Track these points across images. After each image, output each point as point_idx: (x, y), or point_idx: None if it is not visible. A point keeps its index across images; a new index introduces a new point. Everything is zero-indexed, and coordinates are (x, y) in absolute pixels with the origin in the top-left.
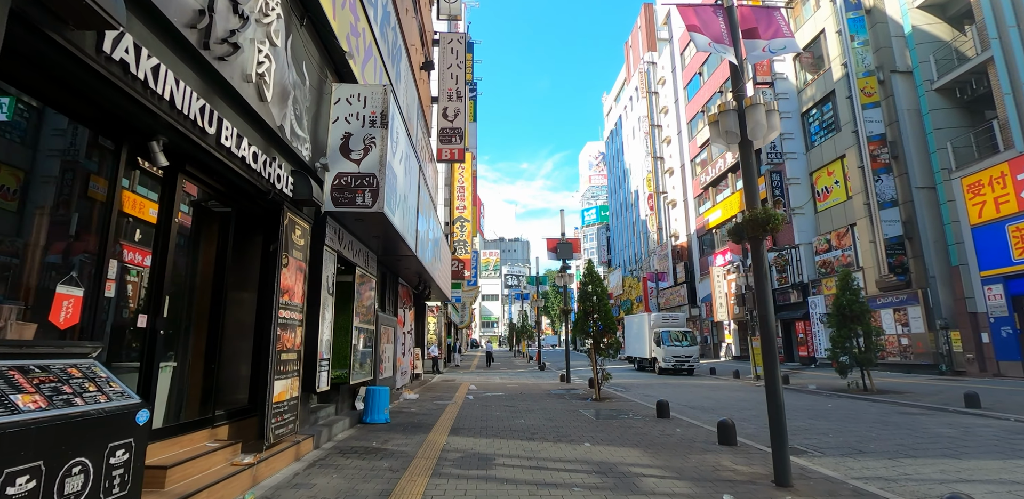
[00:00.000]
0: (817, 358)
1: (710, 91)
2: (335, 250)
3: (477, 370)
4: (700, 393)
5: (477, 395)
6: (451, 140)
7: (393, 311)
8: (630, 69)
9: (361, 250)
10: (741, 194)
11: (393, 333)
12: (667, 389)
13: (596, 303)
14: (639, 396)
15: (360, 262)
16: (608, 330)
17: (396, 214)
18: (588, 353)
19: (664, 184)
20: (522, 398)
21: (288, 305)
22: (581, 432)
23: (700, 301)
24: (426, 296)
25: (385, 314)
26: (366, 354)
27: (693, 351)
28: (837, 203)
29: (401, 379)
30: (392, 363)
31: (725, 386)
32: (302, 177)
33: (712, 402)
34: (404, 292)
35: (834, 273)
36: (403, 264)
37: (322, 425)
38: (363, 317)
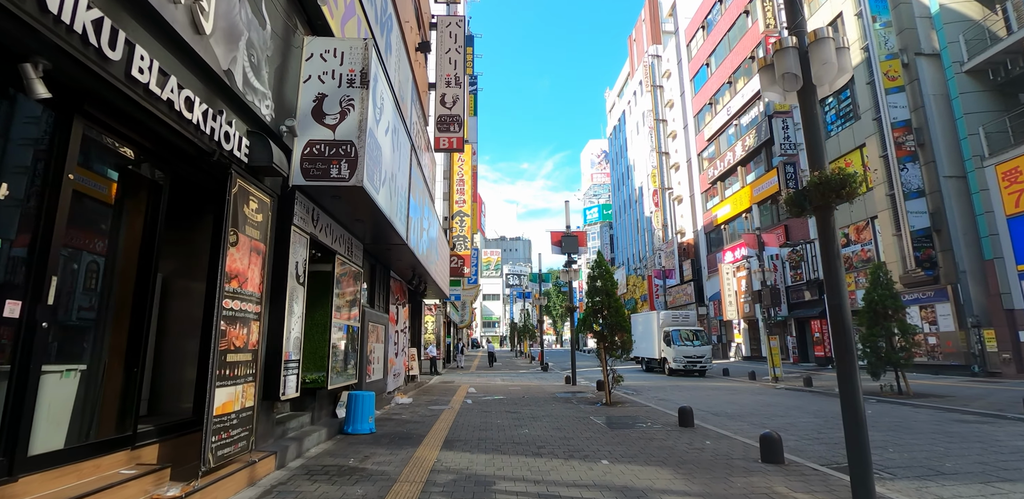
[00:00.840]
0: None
1: (718, 82)
2: (307, 233)
3: (478, 371)
4: (719, 397)
5: (476, 399)
6: (449, 128)
7: (384, 307)
8: (634, 63)
9: (342, 236)
10: (751, 188)
11: (384, 332)
12: (681, 392)
13: (606, 299)
14: (652, 400)
15: (342, 249)
16: (619, 328)
17: (381, 193)
18: (597, 354)
19: (669, 180)
20: (525, 403)
21: (239, 294)
22: (596, 445)
23: (708, 299)
24: (422, 292)
25: (374, 310)
26: (350, 354)
27: (705, 351)
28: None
29: (393, 382)
30: (382, 364)
31: (743, 388)
32: (260, 140)
33: (736, 407)
34: (397, 287)
35: (853, 269)
36: (394, 255)
37: (291, 438)
38: (346, 313)
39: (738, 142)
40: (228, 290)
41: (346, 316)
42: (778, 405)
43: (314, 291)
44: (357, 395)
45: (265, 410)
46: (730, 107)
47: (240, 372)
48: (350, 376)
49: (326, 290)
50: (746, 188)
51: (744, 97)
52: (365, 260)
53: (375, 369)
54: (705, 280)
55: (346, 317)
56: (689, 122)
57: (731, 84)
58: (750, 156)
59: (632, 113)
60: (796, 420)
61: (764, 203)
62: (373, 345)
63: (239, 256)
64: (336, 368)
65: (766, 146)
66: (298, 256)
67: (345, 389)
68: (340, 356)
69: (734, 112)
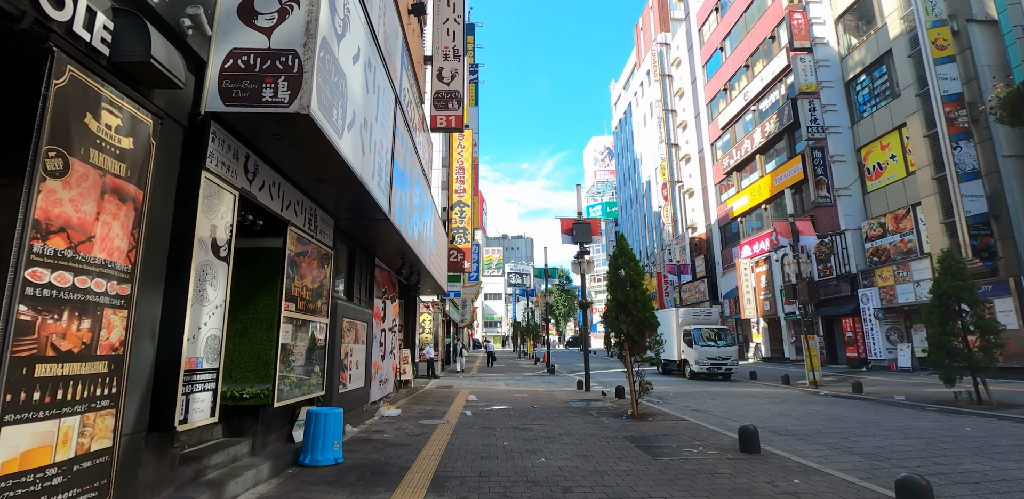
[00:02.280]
0: (870, 360)
1: (734, 66)
2: (234, 186)
3: (479, 374)
4: (763, 406)
5: (477, 410)
6: (447, 105)
7: (366, 301)
8: (641, 53)
9: (300, 203)
10: (771, 177)
11: (366, 330)
12: (714, 400)
13: (632, 292)
14: (685, 411)
15: (299, 220)
16: (647, 325)
17: (346, 140)
18: (619, 356)
19: (680, 173)
20: (536, 415)
21: (71, 261)
22: (642, 486)
23: (723, 297)
24: (416, 286)
25: (351, 304)
26: (314, 359)
27: (731, 352)
28: (894, 180)
29: (379, 390)
30: (364, 370)
31: (784, 396)
32: (133, 23)
33: (794, 422)
34: (384, 278)
35: (890, 261)
36: (378, 236)
37: (208, 482)
38: (306, 304)
39: (756, 129)
40: (42, 252)
41: (306, 309)
42: (844, 419)
43: (255, 274)
44: (318, 414)
45: (154, 447)
46: (747, 92)
47: (73, 394)
48: (312, 387)
49: (273, 273)
50: (766, 177)
51: (763, 80)
52: (338, 241)
53: (352, 376)
54: (719, 277)
55: (306, 310)
56: (701, 110)
57: (748, 67)
58: (770, 143)
59: (639, 105)
60: (887, 442)
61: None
62: (350, 346)
63: (73, 196)
64: (290, 378)
65: (788, 131)
66: (217, 218)
67: (307, 404)
68: (297, 361)
69: (752, 97)
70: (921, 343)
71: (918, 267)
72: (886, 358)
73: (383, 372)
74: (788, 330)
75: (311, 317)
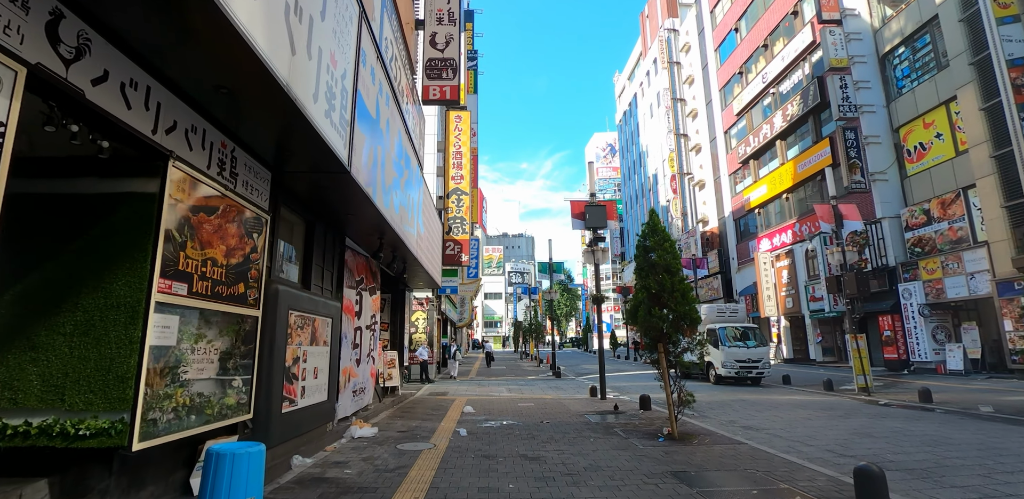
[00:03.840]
0: (913, 362)
1: (750, 48)
2: (21, 58)
3: (478, 378)
4: (826, 422)
5: (474, 427)
6: (442, 74)
7: (332, 290)
8: (647, 41)
9: (196, 129)
10: (794, 164)
11: (330, 327)
12: (760, 412)
13: (667, 279)
14: (732, 427)
15: (194, 157)
16: (688, 321)
17: (256, 12)
18: (655, 361)
19: (689, 164)
20: (547, 434)
21: None
22: None
23: (738, 294)
24: (403, 278)
25: (306, 292)
26: (231, 367)
27: (761, 354)
28: (940, 162)
29: (353, 403)
30: (327, 379)
31: (839, 406)
32: None
33: (888, 447)
34: (360, 264)
35: (936, 252)
36: (343, 204)
37: None
38: (214, 288)
39: (777, 112)
40: None
41: (216, 294)
42: (948, 442)
43: (112, 235)
44: (221, 455)
45: None
46: (766, 73)
47: None
48: (227, 410)
49: (137, 234)
50: (787, 165)
51: (784, 60)
52: (286, 207)
53: (308, 388)
54: (734, 272)
55: (216, 296)
56: (714, 97)
57: (767, 48)
58: (793, 127)
59: (645, 95)
60: None
61: (811, 180)
62: (304, 349)
63: None
64: (175, 400)
65: (814, 113)
66: None
67: (223, 434)
68: (193, 372)
69: (771, 79)
70: (973, 343)
71: (972, 257)
72: (933, 360)
73: (358, 380)
74: (814, 329)
75: (227, 306)
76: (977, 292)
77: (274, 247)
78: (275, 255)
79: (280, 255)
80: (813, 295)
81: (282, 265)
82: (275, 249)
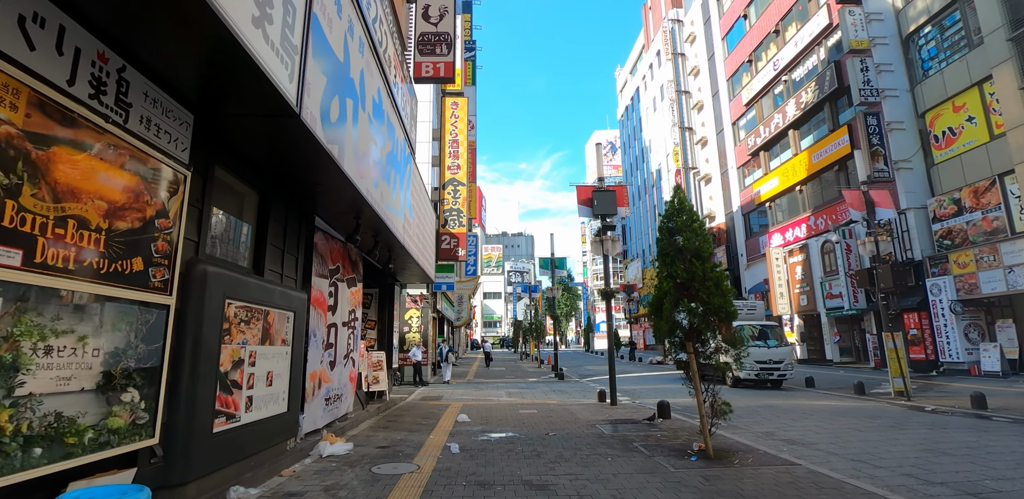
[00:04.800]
0: (943, 362)
1: (760, 34)
2: None
3: (475, 380)
4: (881, 434)
5: (469, 441)
6: (435, 50)
7: (297, 279)
8: (650, 33)
9: (40, 9)
10: (809, 154)
11: (291, 323)
12: (796, 420)
13: (697, 266)
14: (771, 440)
15: (40, 66)
16: (723, 315)
17: None
18: (683, 364)
19: (695, 158)
20: (555, 450)
21: None
22: None
23: (747, 292)
24: (387, 267)
25: (255, 278)
26: (121, 377)
27: (783, 354)
28: (972, 147)
29: (327, 413)
30: (290, 385)
31: (883, 413)
32: None
33: (974, 470)
34: (336, 251)
35: (968, 244)
36: (297, 165)
37: None
38: (86, 260)
39: (790, 100)
40: None
41: (80, 267)
42: None
43: None
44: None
45: None
46: (777, 61)
47: None
48: (111, 436)
49: None
50: (801, 155)
51: (798, 45)
52: (218, 164)
53: (257, 399)
54: (743, 269)
55: (82, 270)
56: (721, 87)
57: (778, 34)
58: (807, 115)
59: (648, 89)
60: None
61: (828, 171)
62: (251, 349)
63: None
64: (2, 427)
65: (831, 100)
66: None
67: (87, 473)
68: (40, 385)
69: (783, 66)
70: (1009, 342)
71: (1010, 249)
72: (965, 360)
73: (333, 386)
74: (830, 328)
75: (109, 288)
76: (1017, 286)
77: (205, 217)
78: (205, 227)
79: (216, 228)
80: (830, 292)
81: (218, 242)
82: (206, 219)
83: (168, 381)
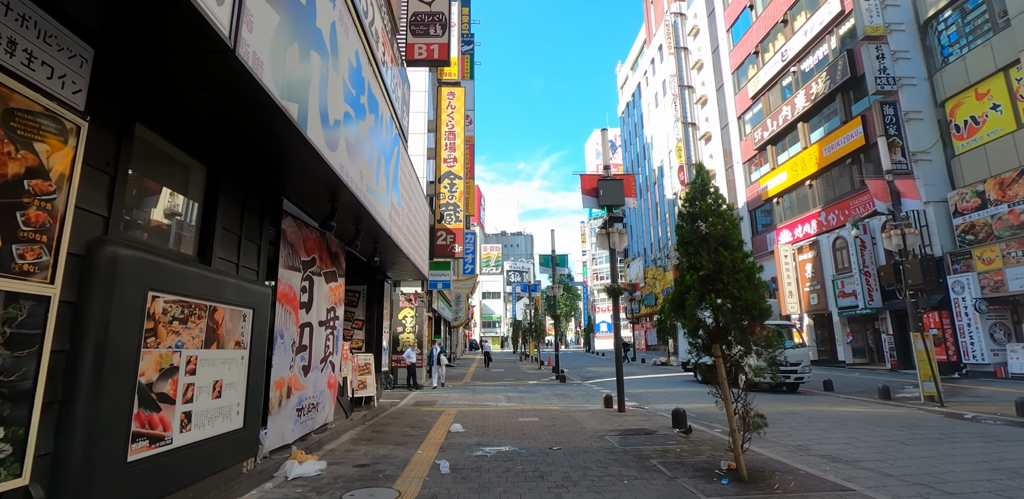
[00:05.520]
0: (965, 364)
1: (767, 25)
2: None
3: (472, 382)
4: (934, 449)
5: (461, 457)
6: (429, 31)
7: (259, 270)
8: (651, 28)
9: None
10: (818, 148)
11: (248, 321)
12: (828, 431)
13: (726, 256)
14: (812, 458)
15: None
16: (755, 313)
17: None
18: (707, 369)
19: (698, 154)
20: (561, 469)
21: None
22: None
23: None
24: (372, 260)
25: (200, 268)
26: None
27: (801, 356)
28: (998, 136)
29: (298, 426)
30: (248, 394)
31: (918, 420)
32: None
33: None
34: (310, 240)
35: (993, 239)
36: (243, 124)
37: None
38: None
39: (798, 92)
40: None
41: None
42: None
43: None
44: None
45: None
46: (786, 51)
47: None
48: None
49: None
50: (811, 148)
51: (807, 34)
52: (139, 121)
53: (199, 415)
54: None
55: None
56: (726, 81)
57: (786, 23)
58: (817, 107)
59: (649, 85)
60: None
61: (840, 164)
62: (189, 354)
63: None
64: None
65: (843, 90)
66: None
67: None
68: None
69: (792, 56)
70: None
71: None
72: (991, 362)
73: (306, 394)
74: (842, 327)
75: None
76: None
77: (119, 185)
78: (119, 198)
79: (140, 203)
80: (842, 290)
81: (144, 220)
82: (120, 189)
83: (51, 400)
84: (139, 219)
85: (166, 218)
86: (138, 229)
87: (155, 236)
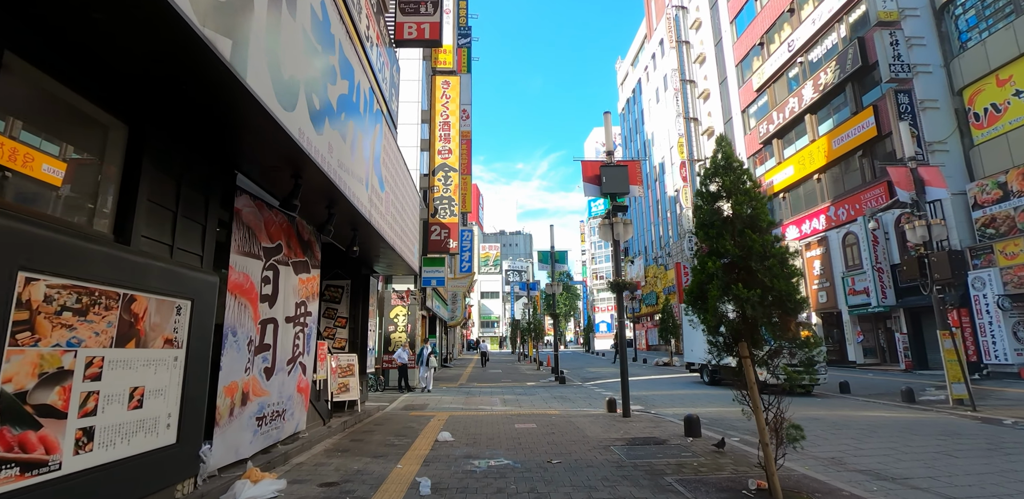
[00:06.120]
0: (986, 364)
1: (772, 15)
2: None
3: (468, 383)
4: (982, 461)
5: (447, 473)
6: (419, 9)
7: (203, 254)
8: (652, 22)
9: None
10: (828, 139)
11: (184, 315)
12: (860, 441)
13: (756, 239)
14: (851, 474)
15: None
16: (787, 304)
17: None
18: (731, 370)
19: (700, 150)
20: (562, 489)
21: None
22: None
23: None
24: (354, 252)
25: (112, 248)
26: None
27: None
28: (1020, 124)
29: (258, 438)
30: (183, 402)
31: (955, 426)
32: None
33: None
34: (275, 224)
35: (1016, 232)
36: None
37: None
38: None
39: (806, 83)
40: None
41: None
42: None
43: None
44: None
45: None
46: (792, 41)
47: None
48: None
49: None
50: (819, 141)
51: (815, 22)
52: (51, 74)
53: (107, 431)
54: None
55: None
56: (729, 74)
57: (793, 12)
58: (826, 98)
59: (650, 80)
60: None
61: (850, 156)
62: (91, 354)
63: None
64: None
65: (853, 80)
66: None
67: None
68: None
69: (799, 47)
70: None
71: None
72: (1014, 362)
73: (269, 400)
74: (853, 326)
75: None
76: None
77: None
78: None
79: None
80: (853, 288)
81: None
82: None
83: None
84: (18, 182)
85: (67, 184)
86: (14, 193)
87: (46, 202)
